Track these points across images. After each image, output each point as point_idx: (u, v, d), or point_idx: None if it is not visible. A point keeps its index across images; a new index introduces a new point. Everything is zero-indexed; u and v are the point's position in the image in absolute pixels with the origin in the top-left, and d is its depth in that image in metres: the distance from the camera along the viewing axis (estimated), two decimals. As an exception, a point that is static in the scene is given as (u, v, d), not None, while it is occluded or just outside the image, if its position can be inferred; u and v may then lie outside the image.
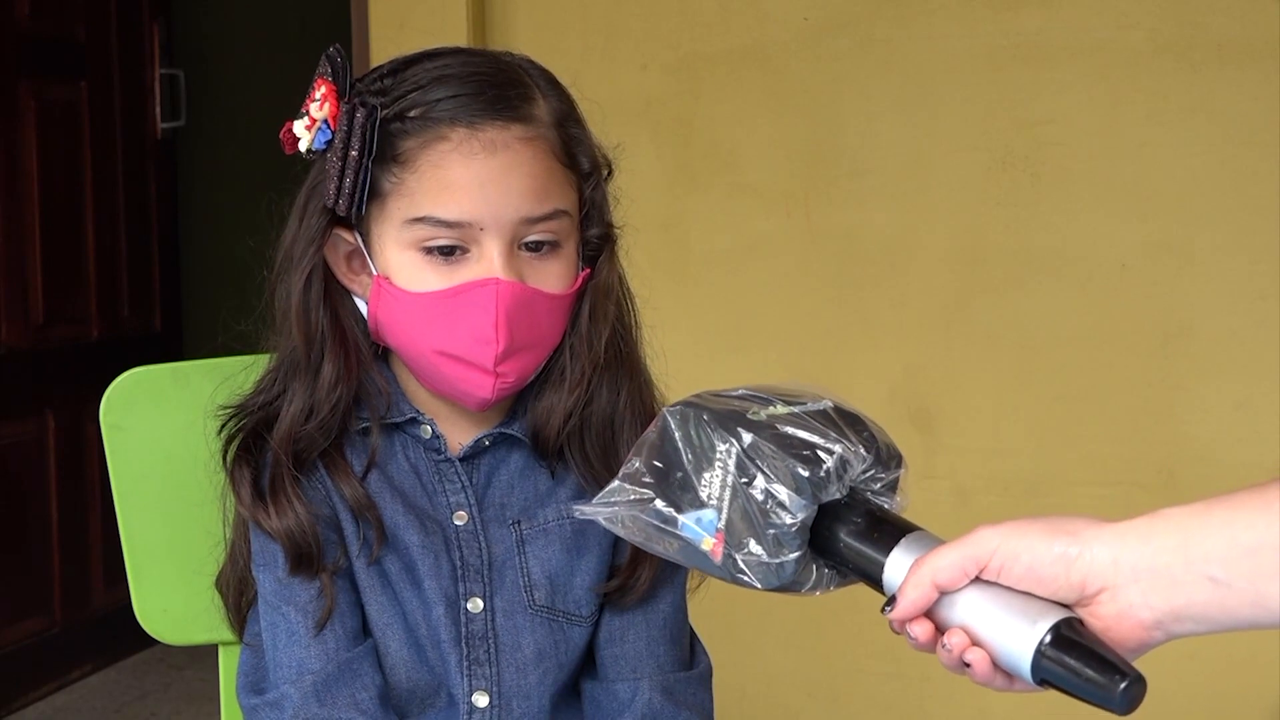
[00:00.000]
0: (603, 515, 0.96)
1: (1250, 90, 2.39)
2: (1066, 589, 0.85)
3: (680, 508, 0.93)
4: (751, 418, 0.94)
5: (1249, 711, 2.44)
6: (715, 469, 0.93)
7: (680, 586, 1.25)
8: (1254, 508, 0.82)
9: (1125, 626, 0.84)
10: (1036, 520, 0.87)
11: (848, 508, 0.93)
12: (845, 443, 0.93)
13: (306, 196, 1.17)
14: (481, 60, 1.16)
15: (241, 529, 1.21)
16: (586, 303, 1.19)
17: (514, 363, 1.14)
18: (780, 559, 0.92)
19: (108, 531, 3.46)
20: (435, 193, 1.11)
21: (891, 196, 2.59)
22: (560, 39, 2.72)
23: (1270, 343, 2.41)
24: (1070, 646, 0.83)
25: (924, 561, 0.88)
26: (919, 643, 0.89)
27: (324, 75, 1.13)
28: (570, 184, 1.17)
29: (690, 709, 1.21)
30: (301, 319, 1.17)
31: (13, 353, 3.35)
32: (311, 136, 1.13)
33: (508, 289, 1.12)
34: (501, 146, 1.12)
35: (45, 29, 3.44)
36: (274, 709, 1.15)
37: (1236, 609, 0.82)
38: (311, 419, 1.16)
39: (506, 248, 1.12)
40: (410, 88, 1.13)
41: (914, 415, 2.58)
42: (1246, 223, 2.42)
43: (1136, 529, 0.84)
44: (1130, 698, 0.81)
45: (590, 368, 1.18)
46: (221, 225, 4.25)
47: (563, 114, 1.17)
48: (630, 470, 0.96)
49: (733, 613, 2.64)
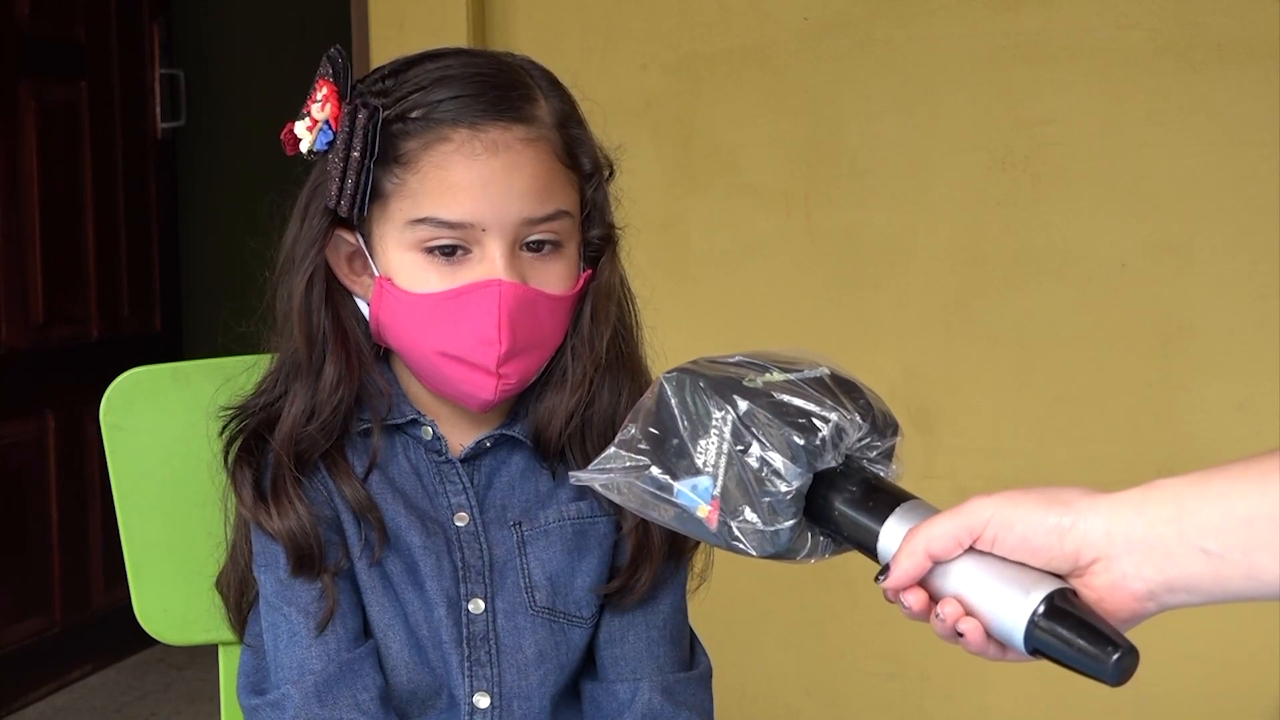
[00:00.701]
0: (599, 482, 0.96)
1: (1250, 90, 2.39)
2: (1060, 559, 0.85)
3: (676, 475, 0.93)
4: (747, 385, 0.94)
5: (1249, 711, 2.44)
6: (711, 436, 0.93)
7: (680, 587, 1.25)
8: (1248, 479, 0.82)
9: (1118, 597, 0.84)
10: (1030, 491, 0.87)
11: (843, 475, 0.93)
12: (841, 410, 0.93)
13: (308, 197, 1.17)
14: (484, 61, 1.16)
15: (242, 529, 1.21)
16: (588, 304, 1.18)
17: (516, 364, 1.14)
18: (775, 526, 0.92)
19: (108, 531, 3.46)
20: (437, 194, 1.11)
21: (891, 196, 2.59)
22: (560, 39, 2.72)
23: (1270, 343, 2.41)
24: (1063, 617, 0.83)
25: (918, 531, 0.88)
26: (912, 612, 0.89)
27: (325, 76, 1.13)
28: (572, 185, 1.17)
29: (690, 709, 1.21)
30: (303, 320, 1.17)
31: (13, 353, 3.35)
32: (313, 137, 1.13)
33: (510, 290, 1.12)
34: (504, 147, 1.11)
35: (45, 29, 3.44)
36: (275, 709, 1.15)
37: (1230, 580, 0.82)
38: (313, 420, 1.16)
39: (509, 249, 1.12)
40: (412, 88, 1.13)
41: (914, 415, 2.58)
42: (1246, 223, 2.42)
43: (1130, 500, 0.85)
44: (1122, 669, 0.81)
45: (592, 369, 1.18)
46: (221, 225, 4.24)
47: (564, 115, 1.17)
48: (626, 437, 0.96)
49: (733, 613, 2.64)
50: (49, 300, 3.45)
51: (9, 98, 3.32)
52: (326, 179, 1.13)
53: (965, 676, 2.58)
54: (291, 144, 1.15)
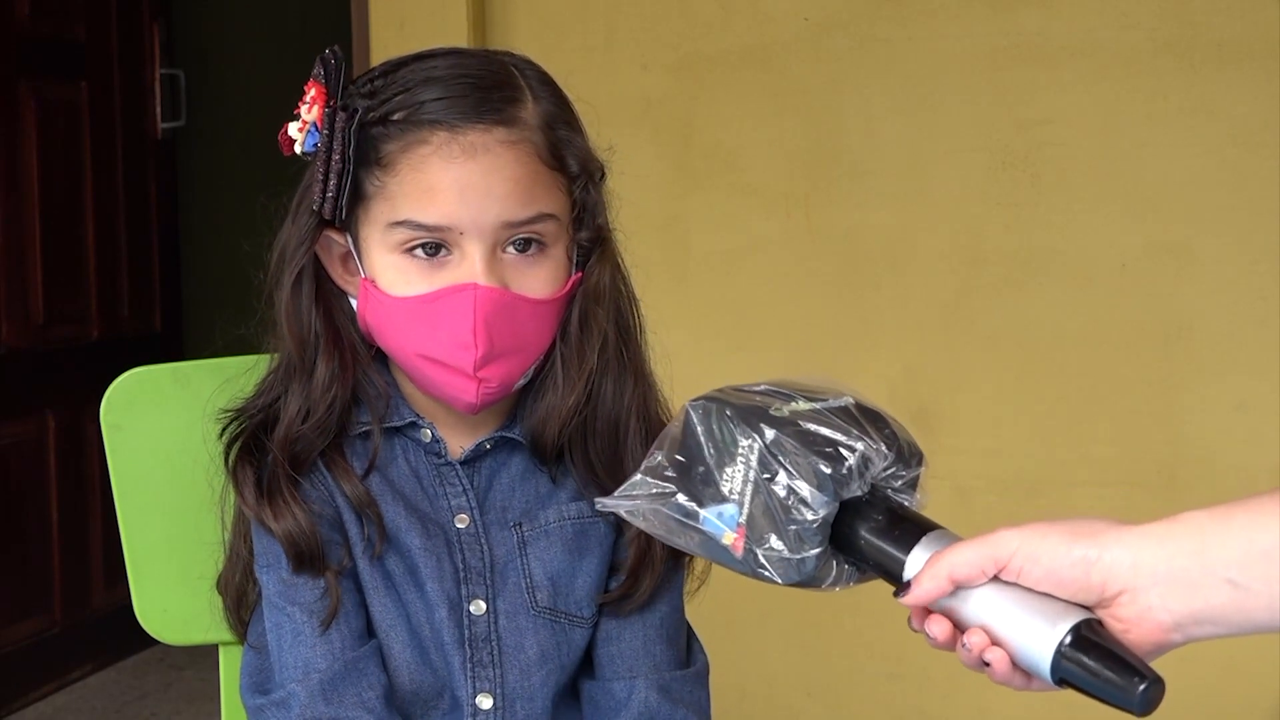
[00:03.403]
0: (624, 508, 0.96)
1: (1250, 90, 2.39)
2: (1086, 591, 0.85)
3: (702, 502, 0.94)
4: (774, 414, 0.94)
5: (1249, 711, 2.44)
6: (738, 464, 0.93)
7: (678, 585, 1.25)
8: (1271, 512, 0.82)
9: (1144, 628, 0.84)
10: (1057, 523, 0.87)
11: (869, 505, 0.93)
12: (867, 440, 0.93)
13: (299, 198, 1.18)
14: (473, 62, 1.16)
15: (242, 531, 1.21)
16: (577, 307, 1.18)
17: (496, 368, 1.13)
18: (801, 555, 0.92)
19: (108, 531, 3.46)
20: (415, 196, 1.11)
21: (891, 196, 2.59)
22: (560, 39, 2.72)
23: (1270, 343, 2.41)
24: (1090, 647, 0.84)
25: (943, 555, 0.88)
26: (938, 641, 0.89)
27: (316, 78, 1.13)
28: (558, 187, 1.15)
29: (687, 707, 1.21)
30: (293, 320, 1.17)
31: (13, 353, 3.35)
32: (303, 139, 1.13)
33: (485, 295, 1.11)
34: (482, 150, 1.11)
35: (45, 29, 3.44)
36: (280, 708, 1.15)
37: (1254, 612, 0.82)
38: (308, 420, 1.16)
39: (488, 251, 1.12)
40: (398, 89, 1.13)
41: (914, 415, 2.58)
42: (1246, 223, 2.42)
43: (1155, 532, 0.85)
44: (1149, 699, 0.82)
45: (582, 372, 1.18)
46: (221, 225, 4.24)
47: (551, 116, 1.16)
48: (652, 464, 0.96)
49: (733, 613, 2.64)
50: (49, 300, 3.45)
51: (9, 98, 3.32)
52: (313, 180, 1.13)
53: (965, 676, 2.57)
54: (287, 145, 1.15)
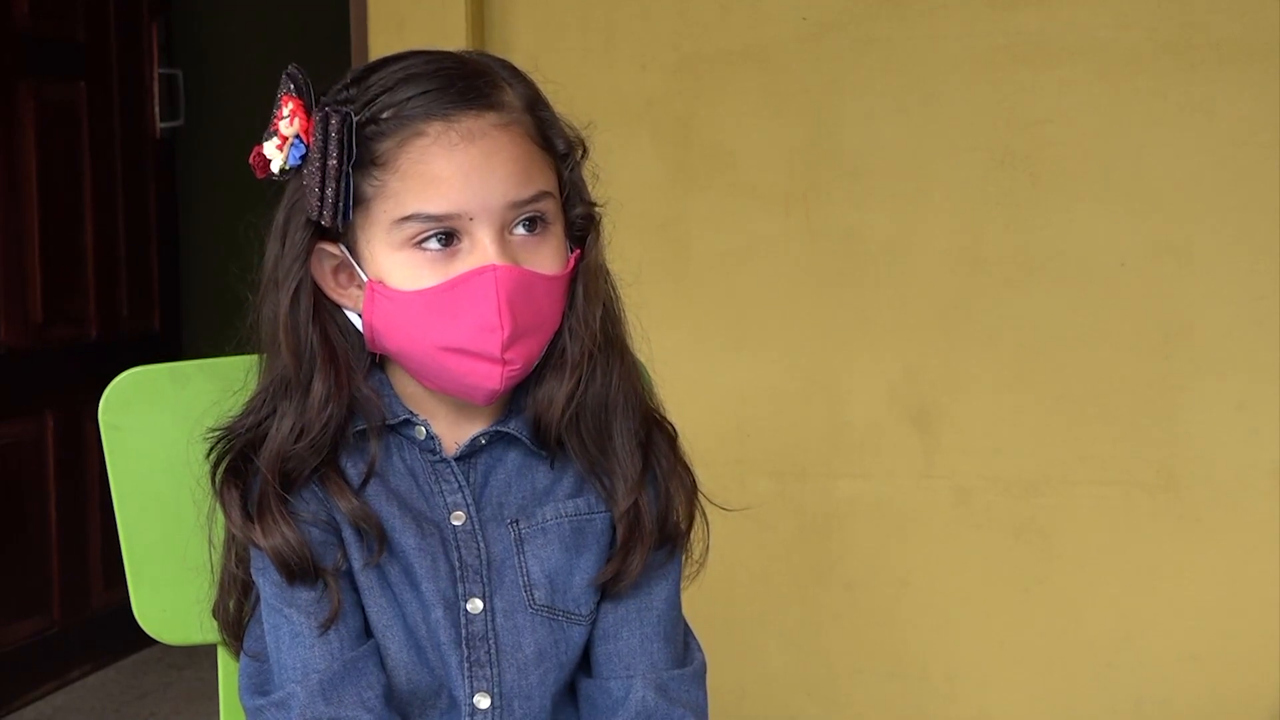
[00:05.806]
0: None
1: (1250, 90, 2.39)
2: None
3: None
4: None
5: (1249, 711, 2.44)
6: None
7: (674, 582, 1.24)
8: None
9: None
10: None
11: None
12: None
13: (286, 215, 1.16)
14: (444, 56, 1.17)
15: (233, 552, 1.21)
16: (580, 284, 1.18)
17: (520, 348, 1.14)
18: None
19: (107, 531, 3.46)
20: (420, 189, 1.11)
21: (891, 196, 2.59)
22: (560, 39, 2.72)
23: (1270, 343, 2.41)
24: None
25: None
26: None
27: (288, 92, 1.13)
28: (549, 166, 1.17)
29: (684, 706, 1.21)
30: (290, 337, 1.16)
31: (12, 353, 3.35)
32: (284, 155, 1.12)
33: (505, 274, 1.11)
34: (479, 134, 1.12)
35: (45, 29, 3.44)
36: (280, 709, 1.15)
37: None
38: (302, 439, 1.15)
39: (497, 234, 1.12)
40: (378, 90, 1.13)
41: (914, 415, 2.58)
42: (1246, 223, 2.42)
43: None
44: None
45: (591, 347, 1.18)
46: (221, 225, 4.24)
47: (531, 99, 1.17)
48: None
49: (732, 612, 2.64)
50: (49, 300, 3.45)
51: (9, 98, 3.32)
52: (304, 194, 1.12)
53: (965, 676, 2.58)
54: (261, 167, 1.14)
